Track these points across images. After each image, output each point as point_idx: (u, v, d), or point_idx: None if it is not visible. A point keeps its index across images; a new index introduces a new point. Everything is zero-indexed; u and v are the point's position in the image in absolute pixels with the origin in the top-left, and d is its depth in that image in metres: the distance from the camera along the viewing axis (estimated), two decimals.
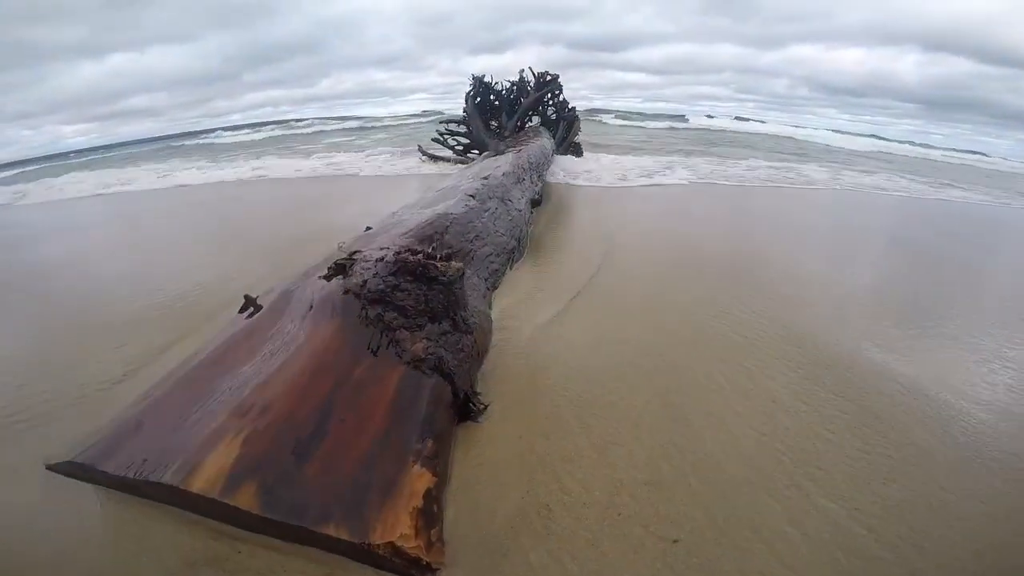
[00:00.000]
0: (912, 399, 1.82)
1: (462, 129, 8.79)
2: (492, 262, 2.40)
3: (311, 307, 1.28)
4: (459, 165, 8.44)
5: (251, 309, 1.53)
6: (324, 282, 1.32)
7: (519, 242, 2.84)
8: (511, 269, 2.68)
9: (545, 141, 5.79)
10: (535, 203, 3.43)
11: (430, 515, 0.92)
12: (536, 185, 3.73)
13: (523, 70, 9.46)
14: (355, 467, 0.93)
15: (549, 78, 9.26)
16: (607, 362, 1.86)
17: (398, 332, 1.19)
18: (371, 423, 1.02)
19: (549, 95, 9.11)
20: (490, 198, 2.69)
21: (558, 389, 1.66)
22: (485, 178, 2.87)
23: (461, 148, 8.69)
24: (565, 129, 8.80)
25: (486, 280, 2.30)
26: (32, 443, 1.55)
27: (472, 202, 2.49)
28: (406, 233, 1.96)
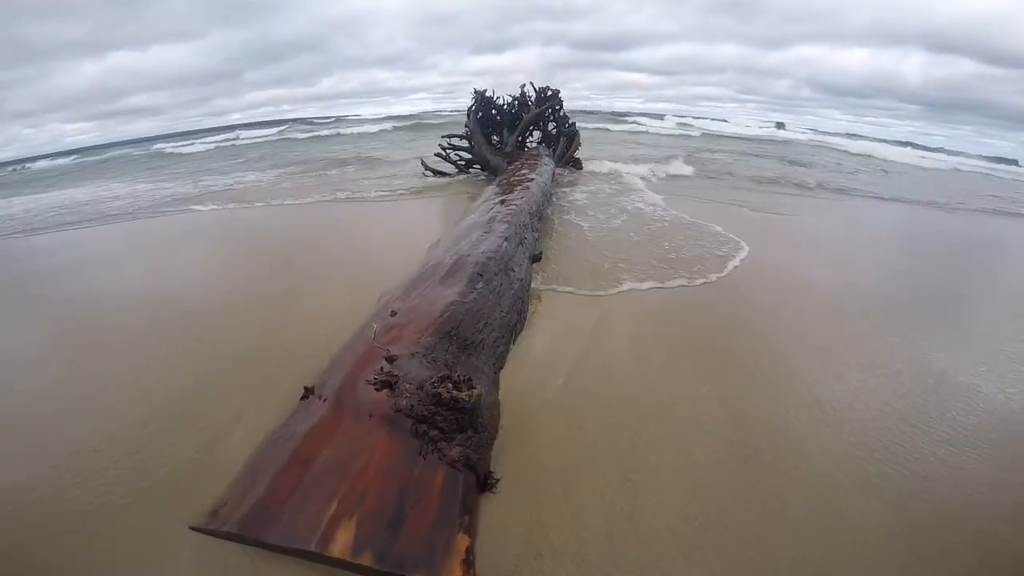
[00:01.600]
0: None
1: (464, 144, 9.23)
2: (499, 346, 2.68)
3: (371, 416, 1.83)
4: (461, 176, 8.95)
5: (311, 398, 2.06)
6: (375, 391, 1.85)
7: (521, 314, 3.13)
8: (514, 344, 2.93)
9: (547, 168, 6.18)
10: (536, 259, 3.84)
11: (470, 563, 1.50)
12: (536, 232, 4.15)
13: (524, 85, 9.78)
14: (425, 537, 1.51)
15: (550, 93, 9.58)
16: (588, 437, 2.27)
17: (439, 443, 1.75)
18: (430, 508, 1.58)
19: (550, 110, 9.51)
20: (496, 274, 3.02)
21: (549, 461, 2.13)
22: (491, 253, 3.27)
23: (463, 163, 9.11)
24: (565, 144, 9.22)
25: (494, 364, 2.58)
26: (167, 505, 1.87)
27: (480, 283, 2.82)
28: (428, 328, 2.37)
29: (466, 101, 9.47)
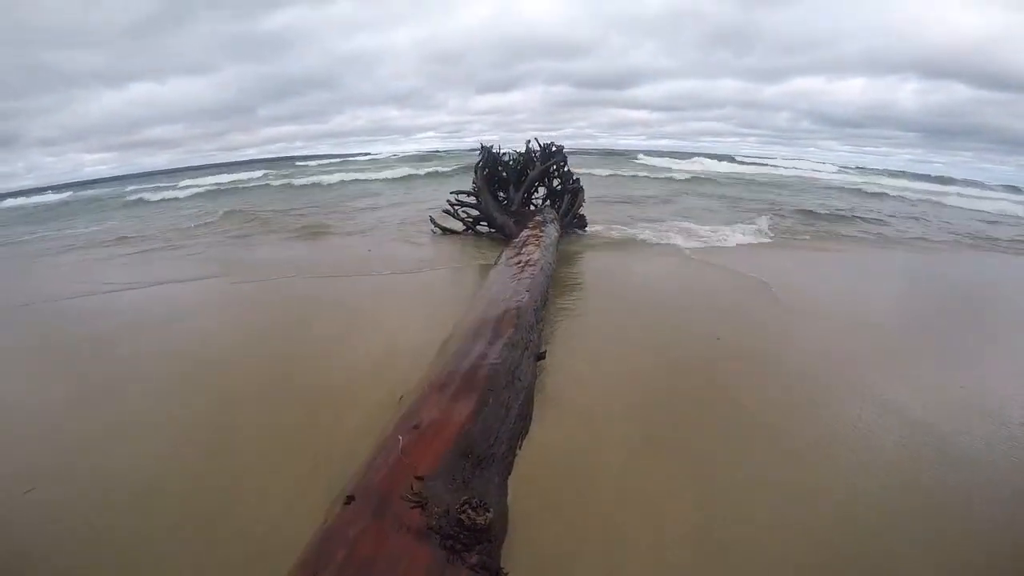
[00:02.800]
0: None
1: (472, 200, 9.27)
2: (507, 456, 2.71)
3: (408, 528, 2.02)
4: (469, 231, 8.97)
5: (353, 503, 2.17)
6: (408, 506, 2.06)
7: (526, 419, 3.13)
8: (520, 449, 2.95)
9: (551, 236, 6.17)
10: (540, 357, 3.78)
11: None
12: (541, 324, 4.11)
13: (529, 140, 9.93)
14: None
15: (554, 149, 9.73)
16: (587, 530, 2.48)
17: (462, 553, 1.96)
18: None
19: (554, 167, 9.59)
20: (504, 387, 3.05)
21: (551, 554, 2.37)
22: (498, 364, 3.26)
23: (471, 220, 9.14)
24: (570, 201, 9.24)
25: (503, 473, 2.62)
26: None
27: (491, 398, 2.87)
28: (447, 446, 2.44)
29: (472, 141, 9.78)
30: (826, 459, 3.02)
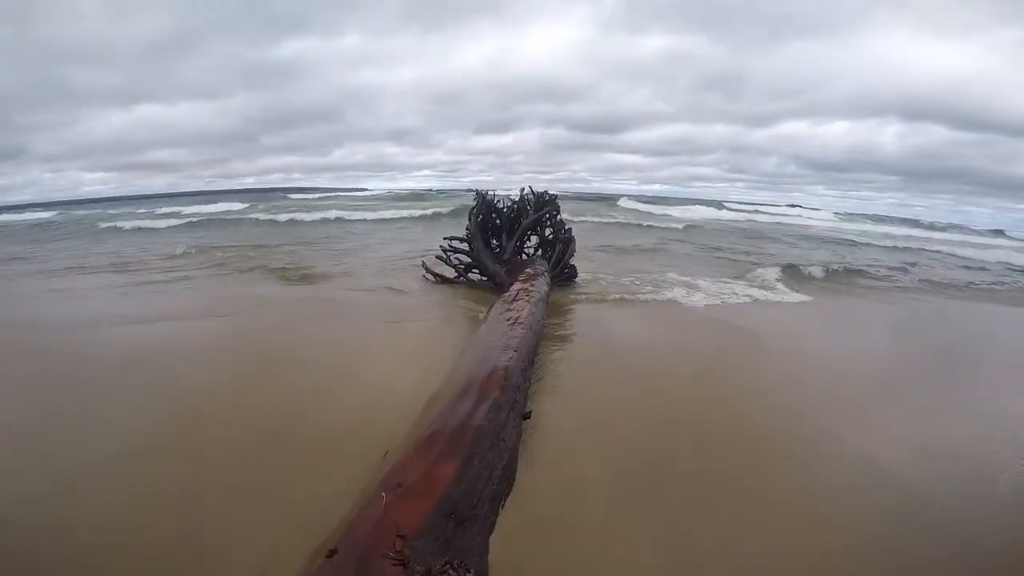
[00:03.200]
0: None
1: (464, 247, 9.42)
2: (489, 516, 2.73)
3: None
4: (461, 277, 9.08)
5: (335, 556, 2.14)
6: (391, 563, 2.05)
7: (510, 480, 3.15)
8: (503, 508, 2.94)
9: (541, 291, 6.27)
10: (525, 417, 3.82)
11: None
12: (528, 382, 4.16)
13: (523, 189, 10.20)
14: None
15: (547, 198, 10.00)
16: None
17: None
18: None
19: (547, 216, 9.81)
20: (488, 448, 3.08)
21: None
22: (484, 424, 3.29)
23: (463, 267, 9.26)
24: (561, 250, 9.42)
25: (485, 532, 2.65)
26: None
27: (475, 461, 2.90)
28: (430, 506, 2.45)
29: (468, 181, 10.12)
30: (809, 525, 3.05)
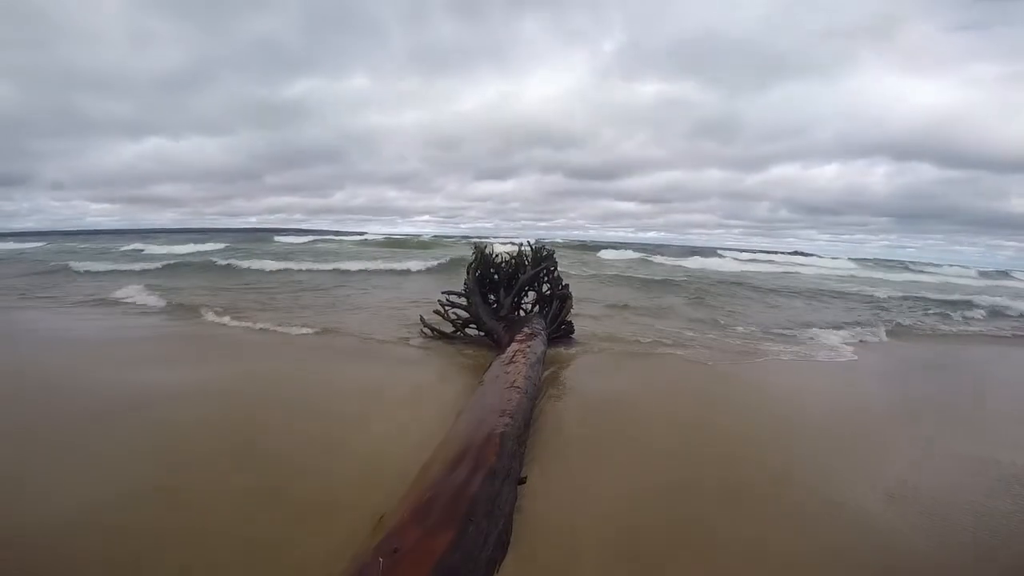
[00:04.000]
0: None
1: (462, 301, 9.58)
2: None
3: None
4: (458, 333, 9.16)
5: None
6: None
7: (505, 546, 3.13)
8: (498, 574, 2.98)
9: (537, 352, 6.37)
10: (520, 482, 3.85)
11: None
12: (524, 446, 4.20)
13: (521, 244, 10.48)
14: None
15: (545, 254, 10.24)
16: None
17: None
18: None
19: (544, 272, 10.02)
20: (484, 516, 3.11)
21: None
22: (479, 492, 3.32)
23: (460, 322, 9.38)
24: (558, 307, 9.56)
25: None
26: None
27: (470, 529, 2.92)
28: (431, 572, 2.47)
29: (467, 227, 10.19)
30: None
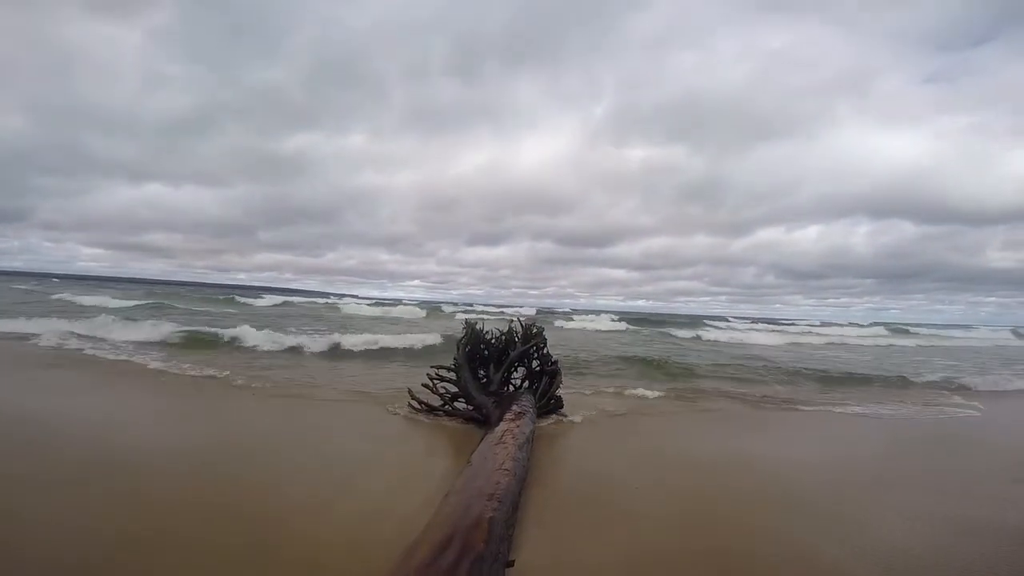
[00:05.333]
0: None
1: (452, 376, 9.57)
2: None
3: None
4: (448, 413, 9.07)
5: None
6: None
7: None
8: None
9: (526, 431, 6.34)
10: (508, 565, 3.79)
11: None
12: (512, 529, 4.13)
13: (512, 321, 10.67)
14: None
15: (535, 331, 10.40)
16: None
17: None
18: None
19: (534, 348, 10.12)
20: None
21: None
22: (467, 569, 3.27)
23: (449, 396, 9.33)
24: (547, 382, 9.59)
25: None
26: None
27: None
28: None
29: (458, 293, 10.20)
30: None
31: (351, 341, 17.07)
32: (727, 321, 52.39)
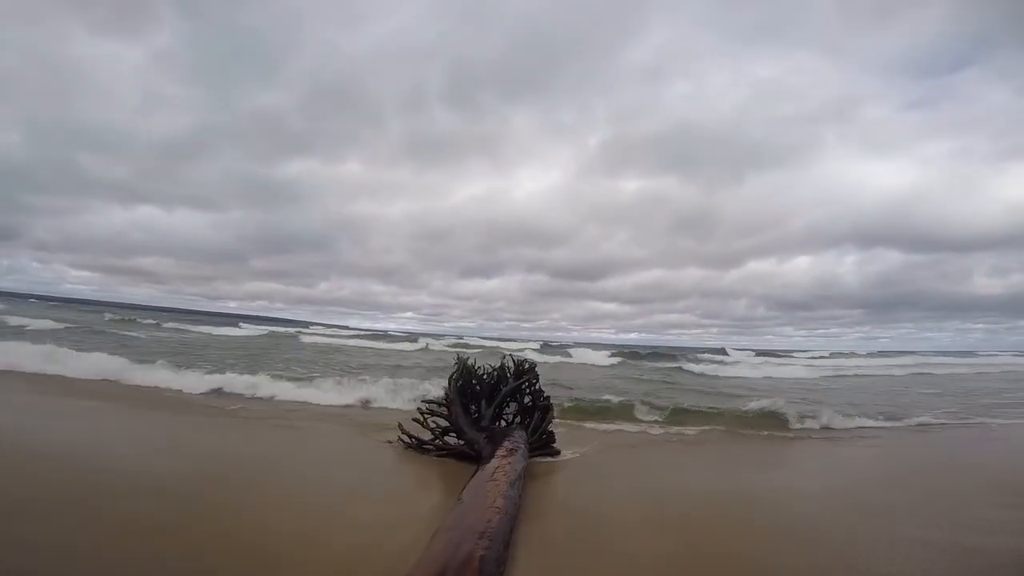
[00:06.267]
0: None
1: (443, 411, 9.49)
2: None
3: None
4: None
5: None
6: None
7: None
8: None
9: (518, 468, 6.27)
10: None
11: None
12: (503, 566, 4.07)
13: (504, 357, 10.67)
14: None
15: (527, 367, 10.40)
16: None
17: None
18: None
19: (526, 383, 10.10)
20: None
21: None
22: None
23: (440, 430, 9.23)
24: (539, 417, 9.53)
25: None
26: None
27: None
28: None
29: (451, 326, 10.09)
30: None
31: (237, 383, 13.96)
32: (725, 354, 52.13)
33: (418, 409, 9.57)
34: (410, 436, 9.08)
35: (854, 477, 8.33)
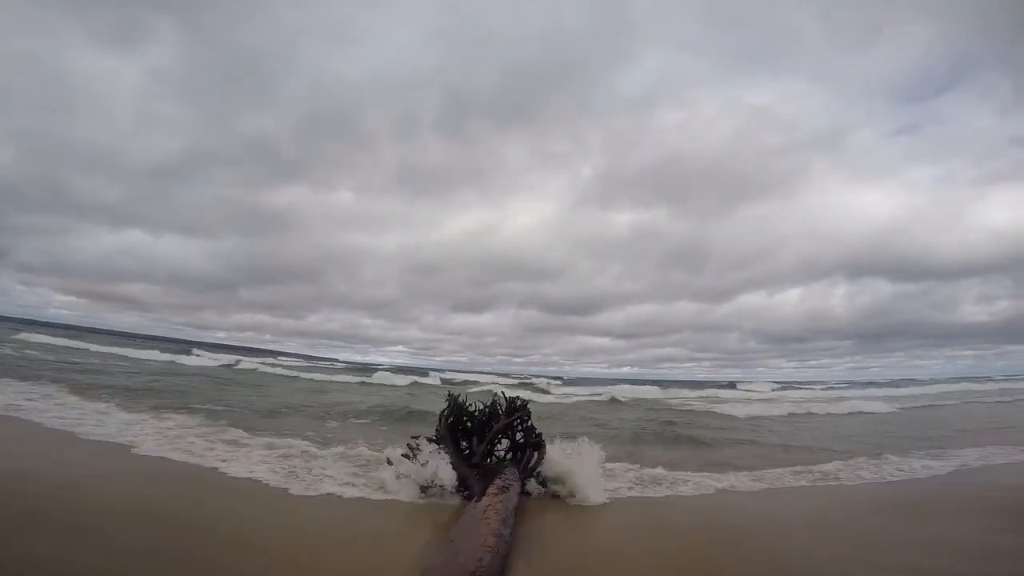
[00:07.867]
0: None
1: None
2: None
3: None
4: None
5: None
6: None
7: None
8: None
9: (509, 507, 6.18)
10: None
11: None
12: None
13: (496, 394, 10.62)
14: None
15: (519, 404, 10.33)
16: None
17: None
18: None
19: (518, 420, 10.01)
20: None
21: None
22: None
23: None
24: (530, 454, 9.43)
25: None
26: None
27: None
28: None
29: (441, 360, 10.04)
30: None
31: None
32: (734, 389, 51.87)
33: (408, 444, 9.42)
34: (400, 473, 8.91)
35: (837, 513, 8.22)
